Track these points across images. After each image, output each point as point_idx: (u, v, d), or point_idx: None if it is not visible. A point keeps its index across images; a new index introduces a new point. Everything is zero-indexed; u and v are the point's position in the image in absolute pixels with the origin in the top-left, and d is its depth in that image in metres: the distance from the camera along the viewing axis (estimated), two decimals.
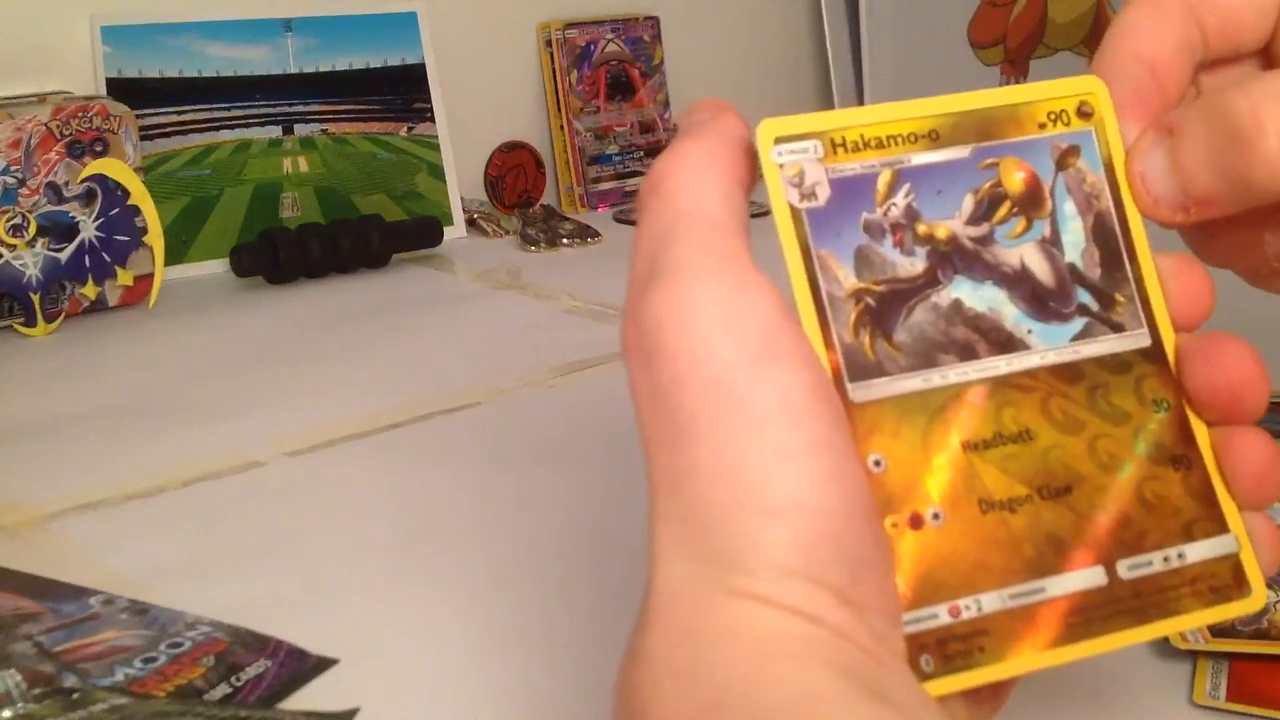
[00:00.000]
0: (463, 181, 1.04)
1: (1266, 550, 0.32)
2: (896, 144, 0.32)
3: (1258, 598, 0.32)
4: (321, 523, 0.54)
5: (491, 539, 0.52)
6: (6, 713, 0.39)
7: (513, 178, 1.09)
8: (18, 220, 0.78)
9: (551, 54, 1.09)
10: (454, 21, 1.06)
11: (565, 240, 0.99)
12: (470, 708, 0.40)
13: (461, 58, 1.06)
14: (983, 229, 0.32)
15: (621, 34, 1.13)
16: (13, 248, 0.78)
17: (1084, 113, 0.33)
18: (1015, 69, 1.30)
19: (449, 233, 0.98)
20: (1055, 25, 1.33)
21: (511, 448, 0.61)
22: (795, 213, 0.32)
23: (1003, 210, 0.32)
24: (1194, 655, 0.42)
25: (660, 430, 0.28)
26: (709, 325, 0.27)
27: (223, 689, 0.40)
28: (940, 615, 0.29)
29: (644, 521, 0.52)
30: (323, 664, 0.42)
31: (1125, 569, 0.31)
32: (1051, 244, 0.32)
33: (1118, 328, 0.33)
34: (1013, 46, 1.30)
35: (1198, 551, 0.32)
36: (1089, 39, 1.36)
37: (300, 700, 0.40)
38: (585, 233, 1.00)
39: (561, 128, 1.10)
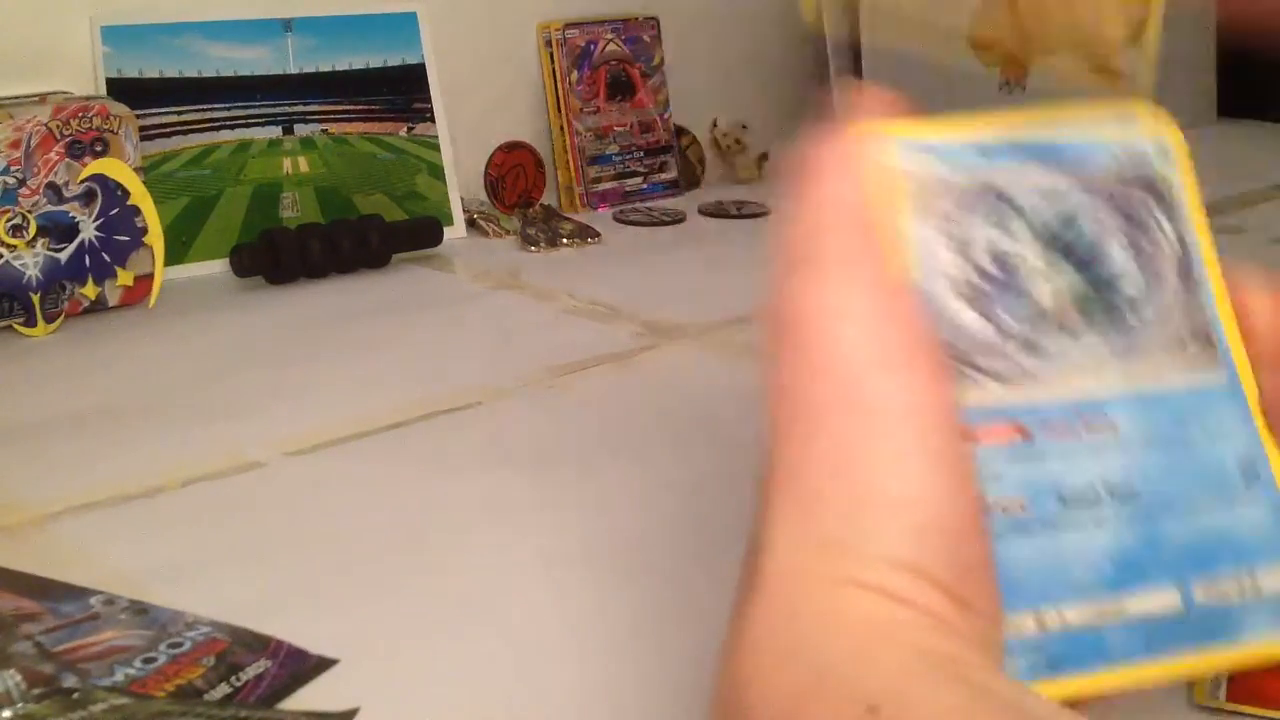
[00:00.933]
0: (463, 181, 1.04)
1: None
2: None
3: None
4: (321, 523, 0.54)
5: (491, 539, 0.52)
6: (6, 713, 0.39)
7: (513, 178, 1.09)
8: (18, 220, 0.78)
9: (551, 54, 1.09)
10: (454, 21, 1.06)
11: (565, 240, 0.99)
12: (470, 708, 0.40)
13: (461, 58, 1.06)
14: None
15: (621, 34, 1.13)
16: (13, 248, 0.78)
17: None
18: (1015, 70, 1.30)
19: (449, 233, 0.98)
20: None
21: (511, 448, 0.61)
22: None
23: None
24: None
25: (788, 418, 0.28)
26: (852, 324, 0.27)
27: (223, 689, 0.40)
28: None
29: (643, 521, 0.52)
30: (323, 664, 0.42)
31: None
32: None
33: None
34: (1012, 47, 1.30)
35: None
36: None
37: (300, 700, 0.40)
38: (585, 233, 1.00)
39: (561, 128, 1.10)
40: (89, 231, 0.80)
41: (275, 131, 0.97)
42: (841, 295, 0.28)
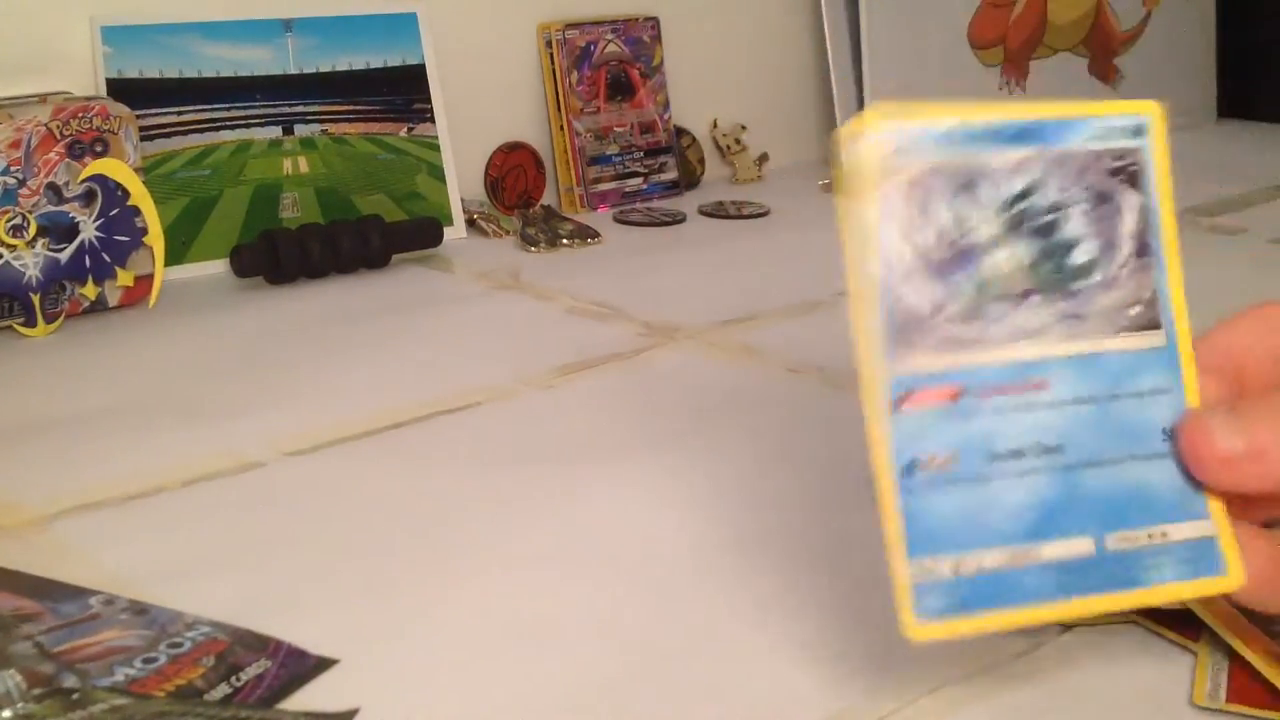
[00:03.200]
0: (463, 182, 1.04)
1: (1250, 553, 0.35)
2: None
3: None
4: (321, 523, 0.54)
5: (491, 539, 0.52)
6: (7, 713, 0.39)
7: (513, 178, 1.09)
8: (18, 220, 0.78)
9: (551, 54, 1.09)
10: (454, 21, 1.06)
11: (565, 240, 0.99)
12: (470, 708, 0.40)
13: (461, 58, 1.06)
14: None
15: (621, 34, 1.13)
16: (13, 248, 0.78)
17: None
18: (1015, 70, 1.30)
19: (449, 233, 0.98)
20: (1055, 26, 1.33)
21: (512, 448, 0.61)
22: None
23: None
24: (1194, 656, 0.42)
25: None
26: None
27: (223, 689, 0.40)
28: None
29: (644, 520, 0.52)
30: (323, 664, 0.42)
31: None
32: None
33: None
34: (1013, 47, 1.30)
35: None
36: (1088, 40, 1.36)
37: (300, 700, 0.40)
38: (585, 233, 1.00)
39: (561, 128, 1.10)
40: (89, 231, 0.80)
41: (275, 132, 0.97)
42: None
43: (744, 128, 1.21)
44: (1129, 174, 0.35)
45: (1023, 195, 0.34)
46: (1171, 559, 0.35)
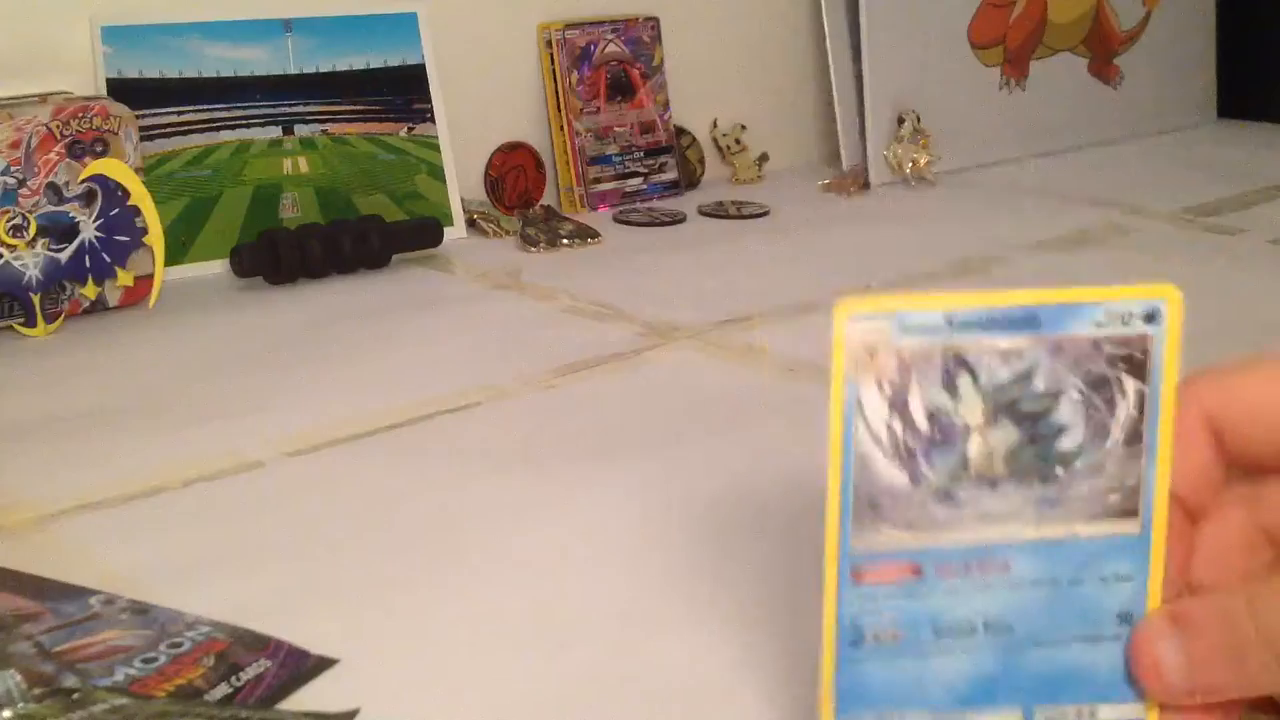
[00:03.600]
0: (463, 182, 1.04)
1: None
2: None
3: None
4: (321, 523, 0.54)
5: (491, 538, 0.52)
6: (7, 713, 0.39)
7: (513, 178, 1.09)
8: (18, 220, 0.78)
9: (551, 54, 1.09)
10: (454, 22, 1.06)
11: (565, 240, 0.99)
12: (470, 708, 0.40)
13: (461, 58, 1.06)
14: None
15: (621, 34, 1.13)
16: (13, 248, 0.78)
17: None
18: (1015, 69, 1.30)
19: (449, 233, 0.98)
20: (1055, 26, 1.33)
21: (511, 448, 0.61)
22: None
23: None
24: None
25: None
26: None
27: (223, 689, 0.40)
28: None
29: (644, 520, 0.52)
30: (323, 664, 0.42)
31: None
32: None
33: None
34: (1012, 47, 1.30)
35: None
36: (1089, 39, 1.36)
37: (300, 700, 0.40)
38: (585, 233, 1.00)
39: (561, 128, 1.10)
40: (89, 231, 0.80)
41: (275, 132, 0.97)
42: None
43: (744, 128, 1.21)
44: (1133, 361, 0.34)
45: (1012, 382, 0.34)
46: None
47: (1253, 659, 0.33)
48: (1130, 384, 0.34)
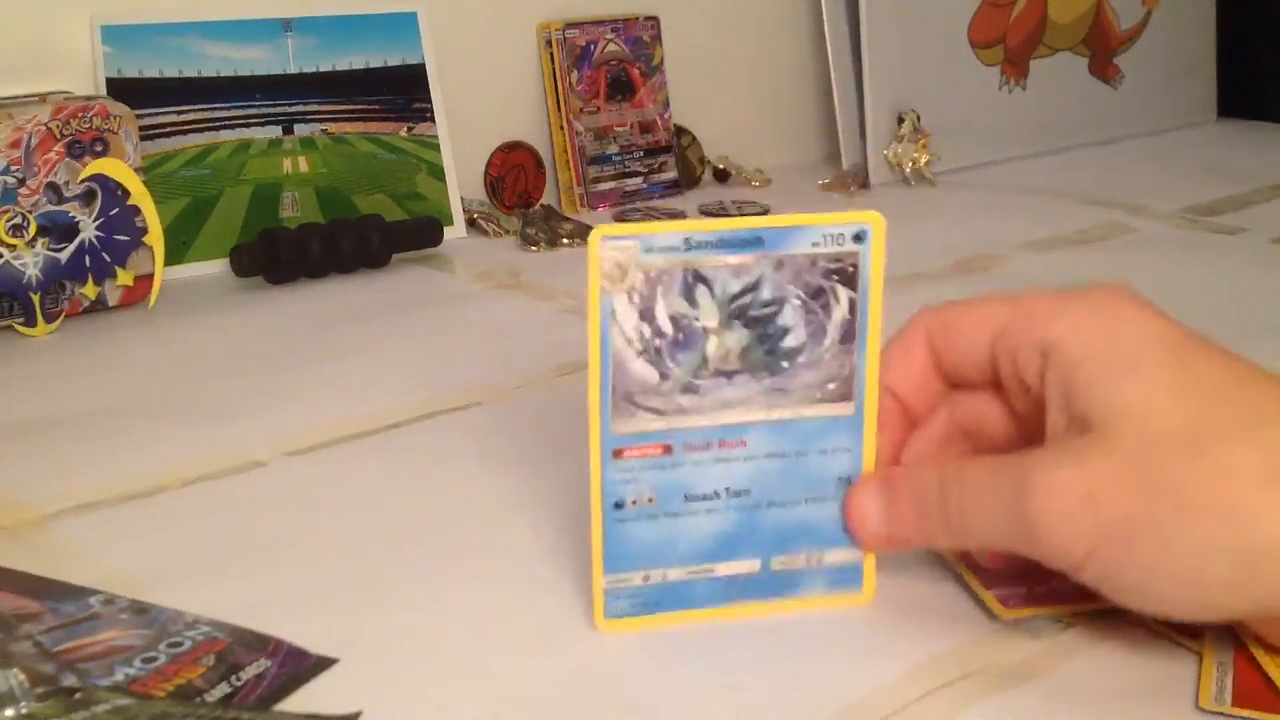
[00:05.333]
0: (463, 181, 1.04)
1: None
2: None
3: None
4: (321, 523, 0.54)
5: (492, 539, 0.52)
6: (9, 712, 0.39)
7: (513, 178, 1.09)
8: (18, 220, 0.78)
9: (551, 54, 1.09)
10: (454, 21, 1.06)
11: (565, 240, 0.99)
12: (470, 708, 0.40)
13: (461, 58, 1.06)
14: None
15: (621, 34, 1.13)
16: (13, 248, 0.78)
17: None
18: (1015, 69, 1.30)
19: (449, 233, 0.98)
20: (1055, 26, 1.33)
21: (512, 448, 0.61)
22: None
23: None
24: (1198, 658, 0.42)
25: None
26: None
27: (223, 689, 0.40)
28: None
29: None
30: (323, 664, 0.42)
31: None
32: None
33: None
34: (1013, 46, 1.30)
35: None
36: (1088, 39, 1.36)
37: (300, 700, 0.40)
38: (585, 233, 1.00)
39: (561, 128, 1.10)
40: (89, 231, 0.80)
41: (275, 131, 0.97)
42: None
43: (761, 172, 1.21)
44: (845, 274, 0.41)
45: (742, 292, 0.41)
46: (822, 577, 0.44)
47: (932, 519, 0.42)
48: (843, 292, 0.42)
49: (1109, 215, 1.04)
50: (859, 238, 0.41)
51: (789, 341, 0.41)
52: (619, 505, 0.42)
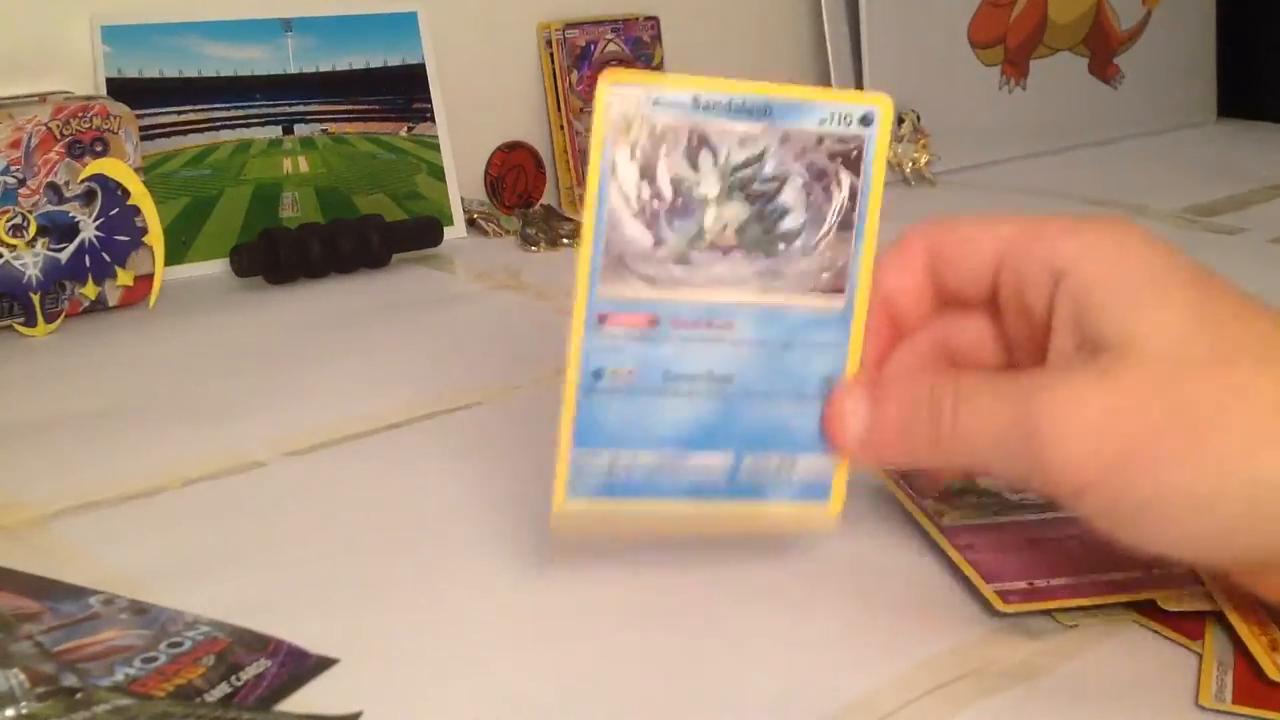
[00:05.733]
0: (463, 181, 1.04)
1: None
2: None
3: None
4: (321, 523, 0.54)
5: (492, 539, 0.52)
6: (10, 711, 0.39)
7: (513, 178, 1.09)
8: (18, 220, 0.78)
9: (551, 54, 1.09)
10: (454, 21, 1.06)
11: (565, 240, 0.99)
12: (471, 708, 0.40)
13: (461, 58, 1.06)
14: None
15: (621, 34, 1.13)
16: (13, 248, 0.78)
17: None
18: (1015, 69, 1.30)
19: (449, 233, 0.98)
20: (1055, 25, 1.33)
21: (512, 448, 0.61)
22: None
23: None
24: (1198, 656, 0.42)
25: None
26: None
27: (223, 689, 0.40)
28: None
29: None
30: (323, 664, 0.42)
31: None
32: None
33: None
34: (1013, 46, 1.30)
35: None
36: (1089, 39, 1.36)
37: (300, 700, 0.40)
38: None
39: (561, 128, 1.10)
40: (89, 231, 0.80)
41: (275, 131, 0.97)
42: None
43: None
44: (849, 158, 0.40)
45: (745, 164, 0.39)
46: (790, 485, 0.42)
47: (919, 430, 0.40)
48: (846, 177, 0.40)
49: (1109, 215, 1.04)
50: (865, 121, 0.40)
51: (787, 223, 0.40)
52: (598, 375, 0.39)
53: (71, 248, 0.80)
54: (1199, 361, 0.37)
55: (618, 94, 0.37)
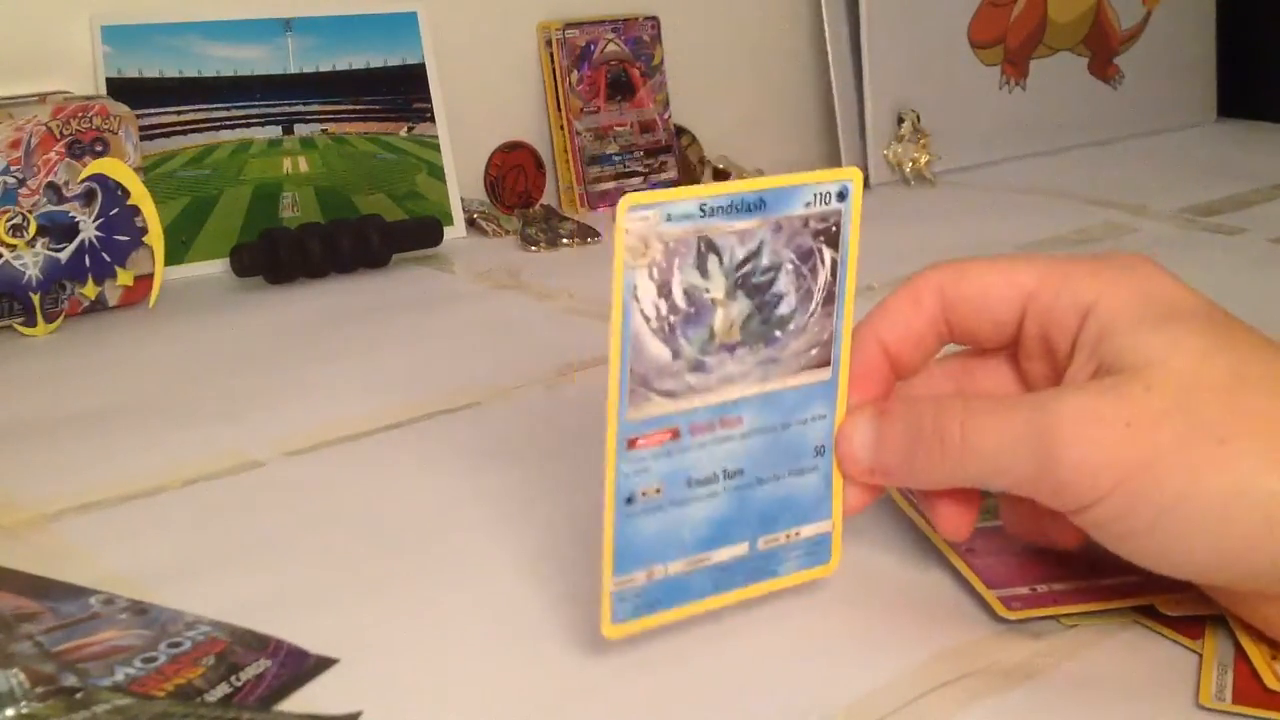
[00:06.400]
0: (463, 181, 1.04)
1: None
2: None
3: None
4: (321, 523, 0.54)
5: (492, 539, 0.52)
6: (10, 711, 0.39)
7: (513, 178, 1.09)
8: (18, 220, 0.78)
9: (551, 54, 1.09)
10: (454, 21, 1.06)
11: (565, 240, 0.99)
12: (471, 708, 0.40)
13: (461, 58, 1.06)
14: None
15: (621, 34, 1.13)
16: (13, 248, 0.78)
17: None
18: (1015, 69, 1.30)
19: (449, 233, 0.98)
20: (1055, 25, 1.33)
21: (512, 448, 0.61)
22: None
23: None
24: (1198, 657, 0.42)
25: None
26: None
27: (223, 689, 0.40)
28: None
29: None
30: (323, 664, 0.42)
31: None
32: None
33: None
34: (1013, 46, 1.30)
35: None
36: (1089, 39, 1.36)
37: (300, 700, 0.40)
38: (585, 233, 1.00)
39: (561, 128, 1.10)
40: (89, 231, 0.80)
41: (275, 131, 0.97)
42: None
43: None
44: (829, 234, 0.40)
45: (746, 259, 0.39)
46: (799, 553, 0.43)
47: (925, 446, 0.40)
48: (827, 252, 0.41)
49: (1109, 215, 1.04)
50: (841, 196, 0.40)
51: (782, 309, 0.41)
52: (630, 500, 0.40)
53: (71, 248, 0.80)
54: (1217, 383, 0.37)
55: (634, 218, 0.37)
